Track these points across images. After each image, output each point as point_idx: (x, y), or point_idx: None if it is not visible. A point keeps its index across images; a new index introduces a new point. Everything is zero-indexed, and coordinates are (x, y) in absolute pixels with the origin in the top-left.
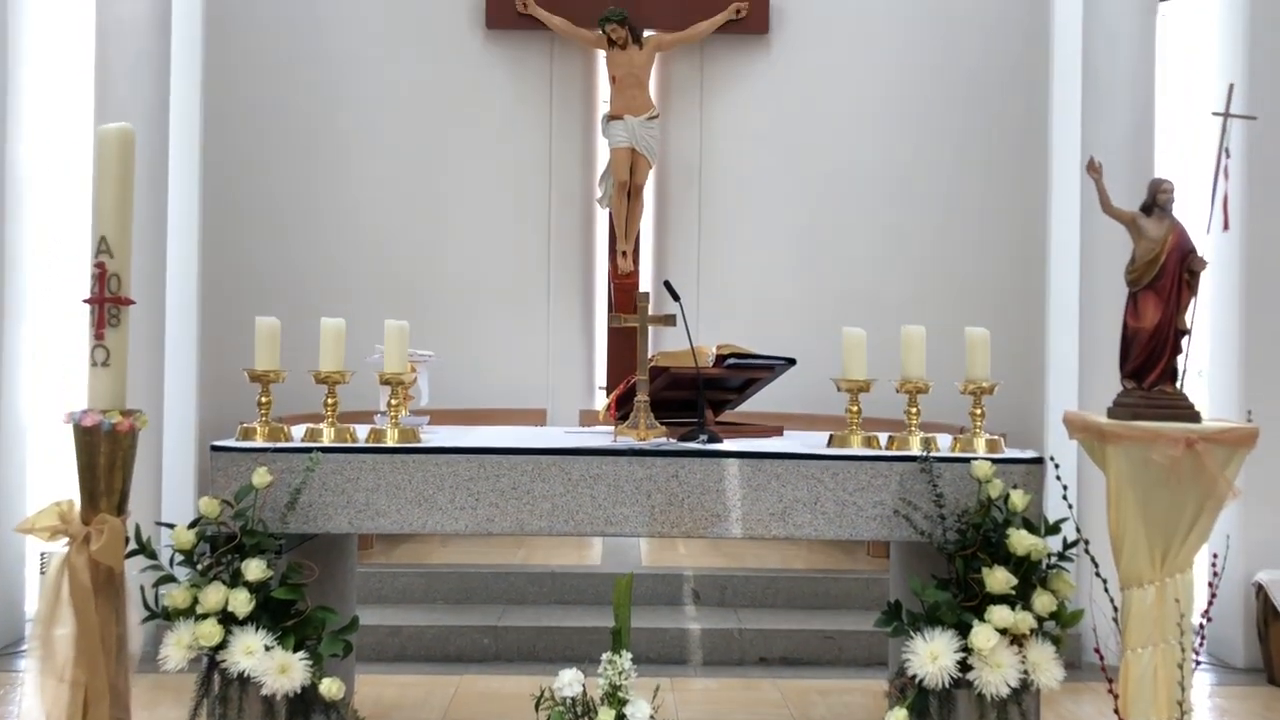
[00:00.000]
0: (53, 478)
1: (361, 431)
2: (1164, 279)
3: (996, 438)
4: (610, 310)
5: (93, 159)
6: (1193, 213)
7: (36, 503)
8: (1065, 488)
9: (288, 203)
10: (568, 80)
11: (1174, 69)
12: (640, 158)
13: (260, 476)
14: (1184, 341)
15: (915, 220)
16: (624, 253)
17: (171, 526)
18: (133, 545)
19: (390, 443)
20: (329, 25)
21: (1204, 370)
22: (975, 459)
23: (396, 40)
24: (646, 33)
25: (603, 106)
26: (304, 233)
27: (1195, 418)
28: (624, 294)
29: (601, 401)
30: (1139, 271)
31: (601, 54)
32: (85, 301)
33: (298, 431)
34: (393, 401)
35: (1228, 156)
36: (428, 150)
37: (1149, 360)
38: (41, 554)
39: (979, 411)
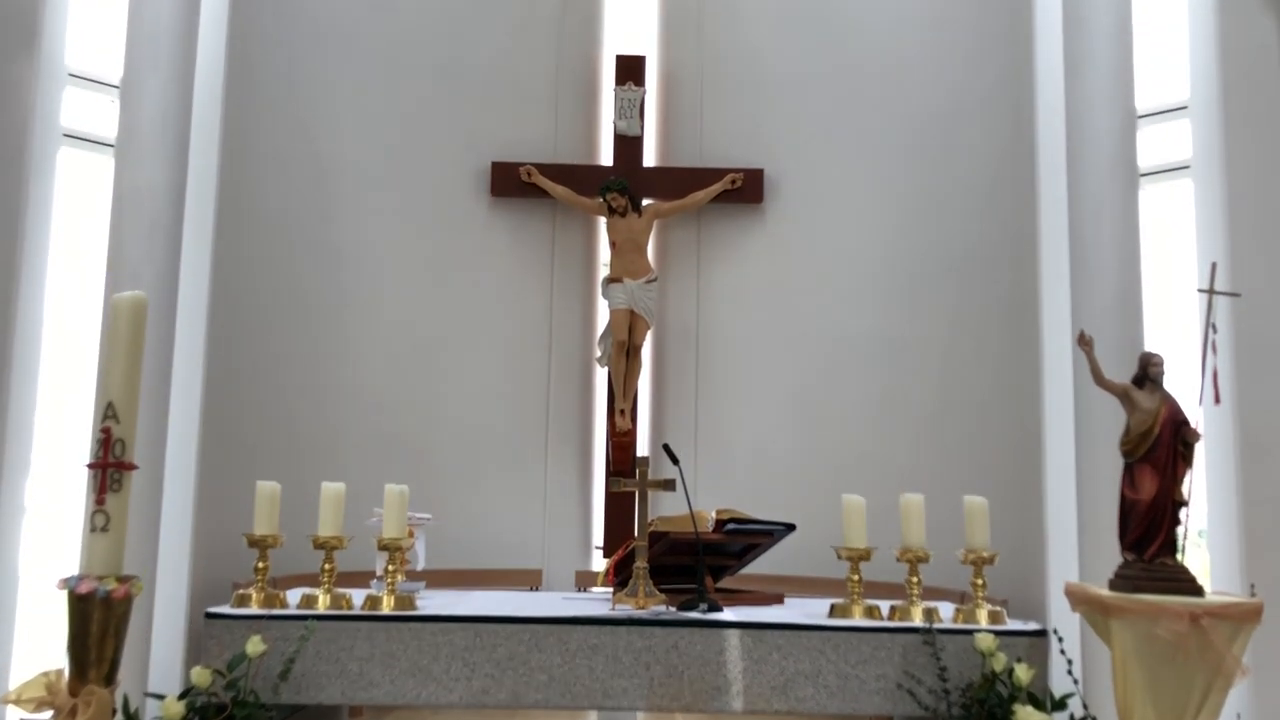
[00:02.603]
0: (43, 641)
1: (358, 597)
2: (1159, 451)
3: (999, 608)
4: (608, 468)
5: (103, 325)
6: (1184, 385)
7: (23, 667)
8: (1070, 662)
9: (289, 365)
10: (569, 245)
11: (1159, 244)
12: (639, 319)
13: (254, 645)
14: (1182, 513)
15: (911, 386)
16: (622, 411)
17: (161, 698)
18: (120, 718)
19: (386, 610)
20: (336, 194)
21: (1204, 530)
22: (978, 631)
23: (402, 208)
24: (645, 201)
25: (603, 270)
26: (304, 394)
27: (1198, 591)
28: (621, 452)
29: (598, 562)
30: (1133, 443)
31: (602, 220)
32: (89, 466)
33: (293, 596)
34: (390, 567)
35: (1215, 332)
36: (429, 313)
37: (1148, 532)
38: None
39: (980, 581)
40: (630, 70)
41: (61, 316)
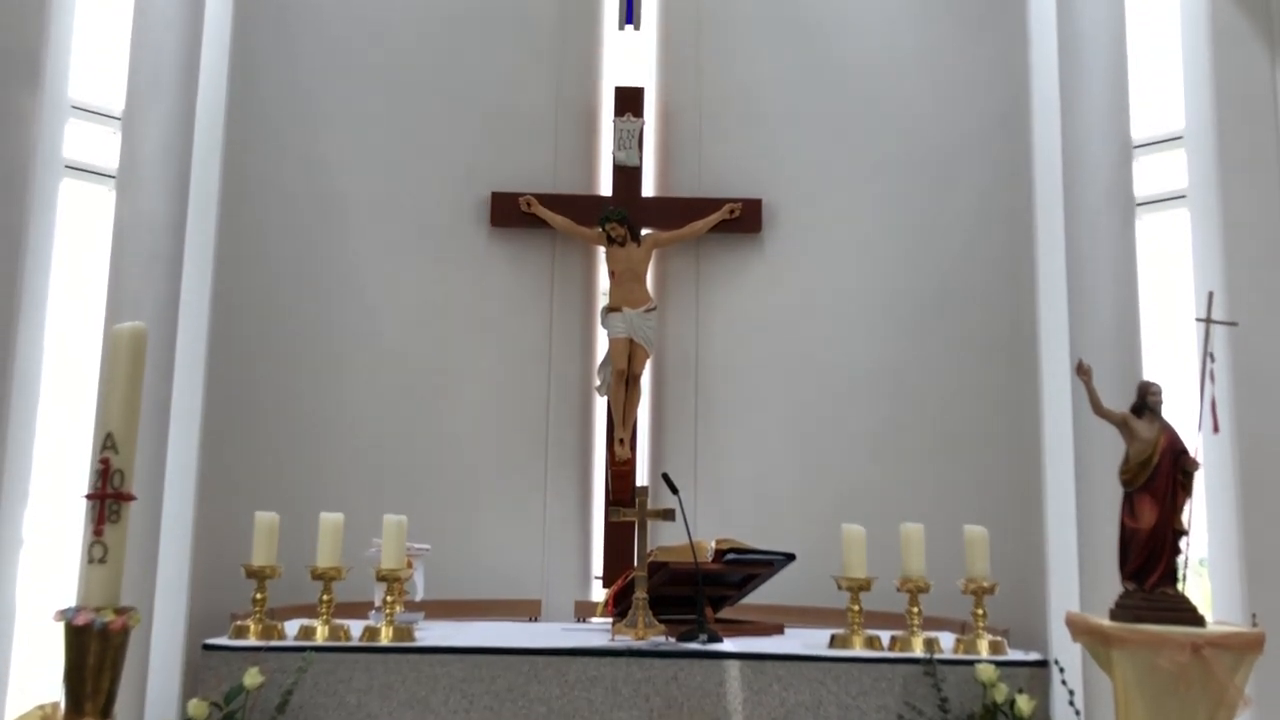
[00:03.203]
0: (39, 673)
1: (356, 629)
2: (1158, 480)
3: (999, 638)
4: (607, 498)
5: (102, 355)
6: (1182, 413)
7: (19, 699)
8: (1071, 693)
9: (288, 395)
10: (568, 275)
11: (1157, 273)
12: (638, 347)
13: (252, 677)
14: (1182, 542)
15: (910, 415)
16: (621, 440)
17: None
18: None
19: (384, 641)
20: (336, 224)
21: (1205, 559)
22: (979, 662)
23: (402, 238)
24: (644, 231)
25: (602, 299)
26: (302, 424)
27: (1199, 620)
28: (621, 481)
29: (598, 592)
30: (1132, 472)
31: (601, 250)
32: (87, 497)
33: (291, 627)
34: (388, 598)
35: (1213, 361)
36: (428, 343)
37: (1148, 561)
38: None
39: (981, 611)
40: (629, 102)
41: (62, 346)
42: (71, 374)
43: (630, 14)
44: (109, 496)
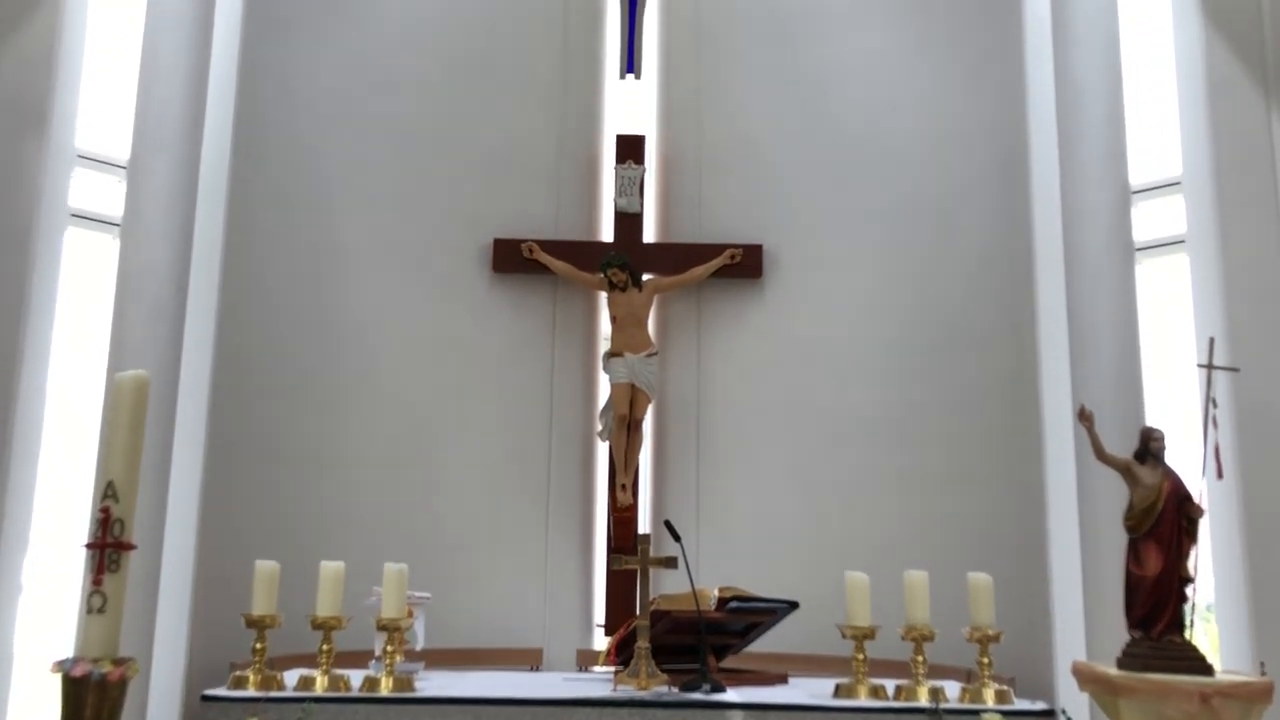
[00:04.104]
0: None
1: (356, 679)
2: (1163, 526)
3: (1005, 687)
4: (609, 544)
5: (105, 403)
6: (1185, 459)
7: None
8: None
9: (288, 443)
10: (569, 320)
11: (1158, 318)
12: (640, 393)
13: None
14: (1189, 590)
15: (912, 461)
16: (623, 486)
17: None
18: None
19: (384, 692)
20: (339, 271)
21: (1212, 605)
22: (985, 711)
23: (404, 285)
24: (646, 276)
25: (603, 344)
26: (303, 472)
27: (1207, 669)
28: (623, 527)
29: (600, 640)
30: (1137, 519)
31: (603, 296)
32: (87, 546)
33: (290, 677)
34: (388, 648)
35: (1215, 406)
36: (429, 390)
37: (1155, 609)
38: None
39: (986, 660)
40: (630, 149)
41: (64, 393)
42: (73, 421)
43: (631, 63)
44: (109, 546)
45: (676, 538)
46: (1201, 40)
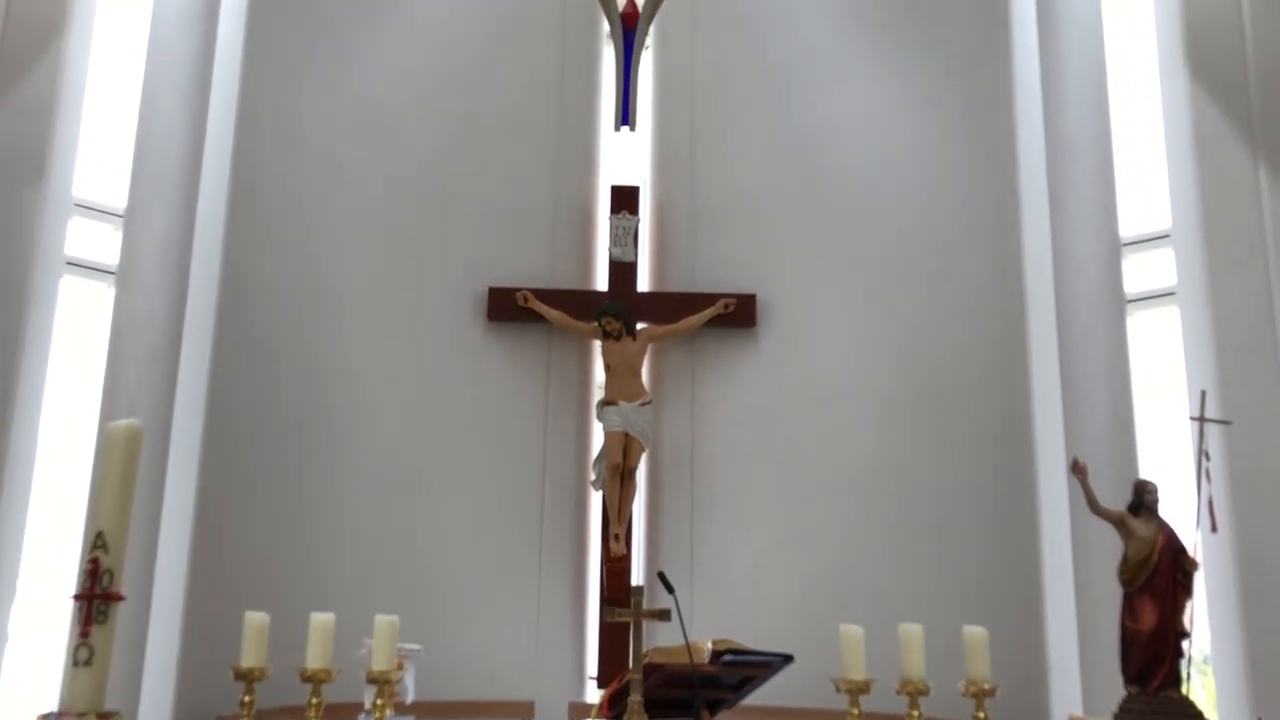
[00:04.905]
0: None
1: None
2: (1158, 579)
3: None
4: (602, 595)
5: (96, 452)
6: (1179, 512)
7: None
8: None
9: (280, 492)
10: (564, 369)
11: (1150, 370)
12: (634, 442)
13: None
14: (1185, 644)
15: (906, 512)
16: (616, 536)
17: None
18: None
19: None
20: (334, 321)
21: (1209, 657)
22: None
23: (399, 334)
24: (640, 325)
25: (597, 393)
26: (295, 522)
27: None
28: (616, 578)
29: (592, 692)
30: (1132, 572)
31: (597, 344)
32: (75, 598)
33: None
34: (379, 701)
35: (1208, 459)
36: (422, 439)
37: (1151, 663)
38: None
39: (982, 715)
40: (625, 199)
41: (55, 441)
42: (64, 469)
43: (626, 115)
44: (97, 597)
45: (670, 589)
46: (1188, 94)
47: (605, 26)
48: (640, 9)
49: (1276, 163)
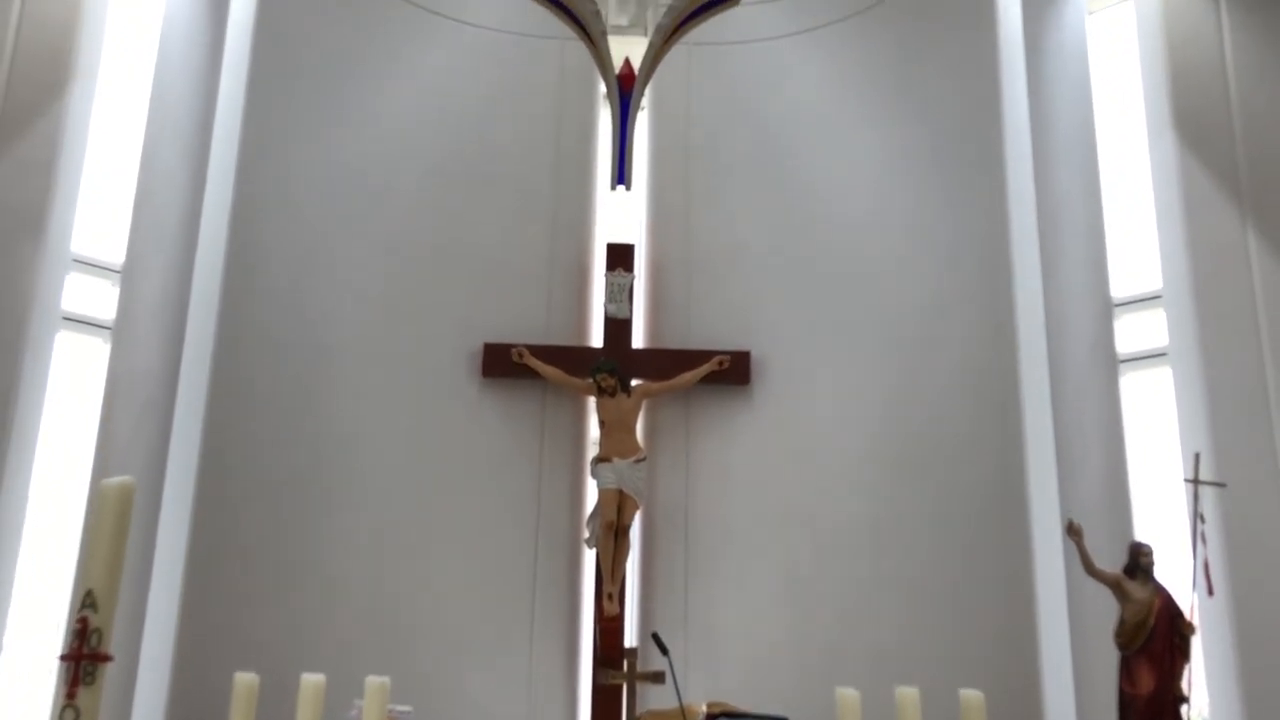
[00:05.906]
0: None
1: None
2: (1155, 643)
3: None
4: (595, 655)
5: (88, 509)
6: (1175, 575)
7: None
8: None
9: (271, 550)
10: (558, 425)
11: (1144, 431)
12: (628, 499)
13: None
14: (1184, 710)
15: (900, 571)
16: (610, 594)
17: None
18: None
19: None
20: (329, 376)
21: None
22: None
23: (393, 389)
24: (634, 382)
25: (592, 450)
26: (285, 580)
27: None
28: (610, 638)
29: None
30: (1128, 635)
31: (591, 401)
32: (62, 658)
33: None
34: None
35: (1203, 522)
36: (415, 495)
37: None
38: None
39: None
40: (620, 257)
41: (46, 497)
42: (55, 525)
43: (622, 175)
44: (85, 658)
45: (664, 651)
46: (1176, 157)
47: (602, 88)
48: (637, 71)
49: (1264, 224)
